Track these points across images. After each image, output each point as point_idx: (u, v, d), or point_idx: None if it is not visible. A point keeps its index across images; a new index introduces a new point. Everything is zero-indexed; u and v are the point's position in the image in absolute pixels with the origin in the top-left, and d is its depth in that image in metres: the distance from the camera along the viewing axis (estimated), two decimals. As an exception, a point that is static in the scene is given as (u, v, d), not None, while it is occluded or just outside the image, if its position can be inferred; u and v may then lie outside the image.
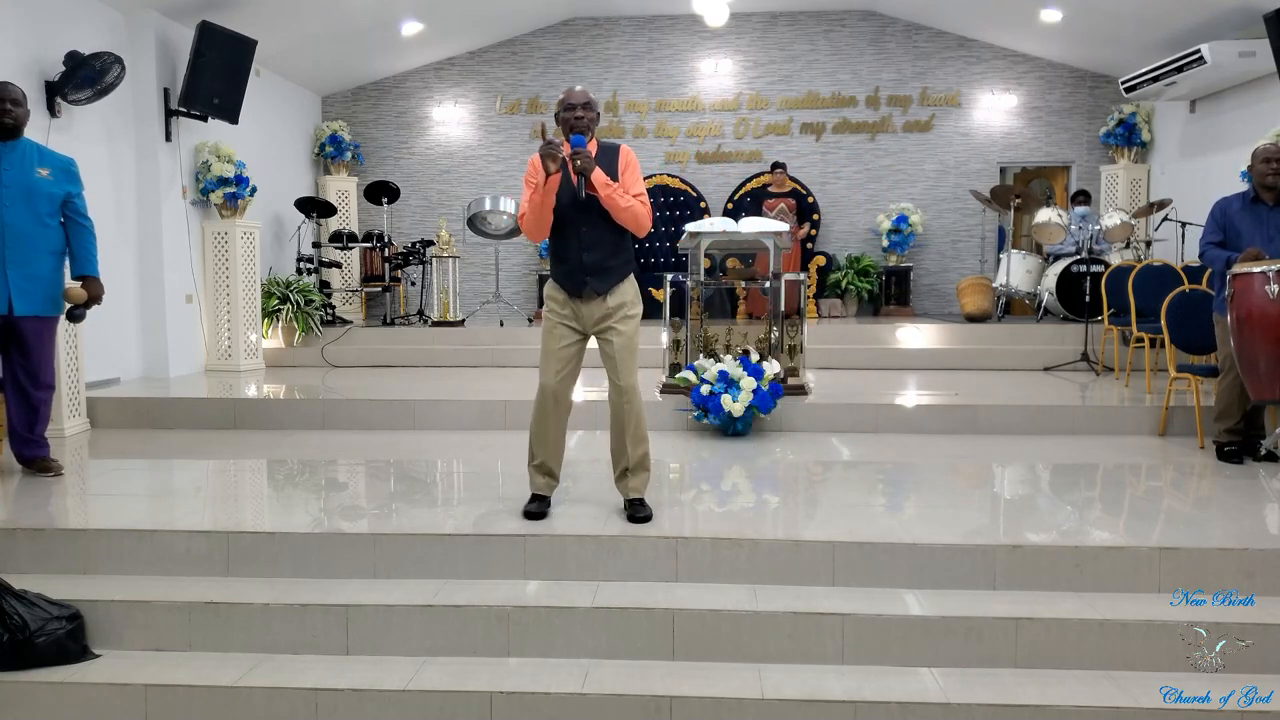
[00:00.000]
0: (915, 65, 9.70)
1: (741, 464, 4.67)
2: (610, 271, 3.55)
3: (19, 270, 4.13)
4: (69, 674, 2.97)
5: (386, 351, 7.80)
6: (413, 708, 2.85)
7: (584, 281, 3.53)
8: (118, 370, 6.53)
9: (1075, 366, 7.09)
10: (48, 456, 4.39)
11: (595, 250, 3.52)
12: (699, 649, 3.03)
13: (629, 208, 3.47)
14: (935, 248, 9.77)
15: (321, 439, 5.34)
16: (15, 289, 4.12)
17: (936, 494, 4.08)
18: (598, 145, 3.56)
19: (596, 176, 3.42)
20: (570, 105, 3.49)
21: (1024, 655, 2.97)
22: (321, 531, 3.48)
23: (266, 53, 7.57)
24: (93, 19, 6.26)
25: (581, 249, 3.52)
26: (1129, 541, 3.32)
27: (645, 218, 3.53)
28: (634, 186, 3.52)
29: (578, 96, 3.50)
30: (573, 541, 3.36)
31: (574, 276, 3.54)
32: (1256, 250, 4.35)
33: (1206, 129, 8.29)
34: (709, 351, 5.76)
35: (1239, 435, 4.64)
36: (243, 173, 7.26)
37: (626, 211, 3.47)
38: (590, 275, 3.52)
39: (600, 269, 3.53)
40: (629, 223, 3.51)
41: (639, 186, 3.54)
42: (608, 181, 3.44)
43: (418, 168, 10.02)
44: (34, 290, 4.19)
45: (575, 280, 3.55)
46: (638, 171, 3.58)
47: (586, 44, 9.87)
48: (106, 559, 3.42)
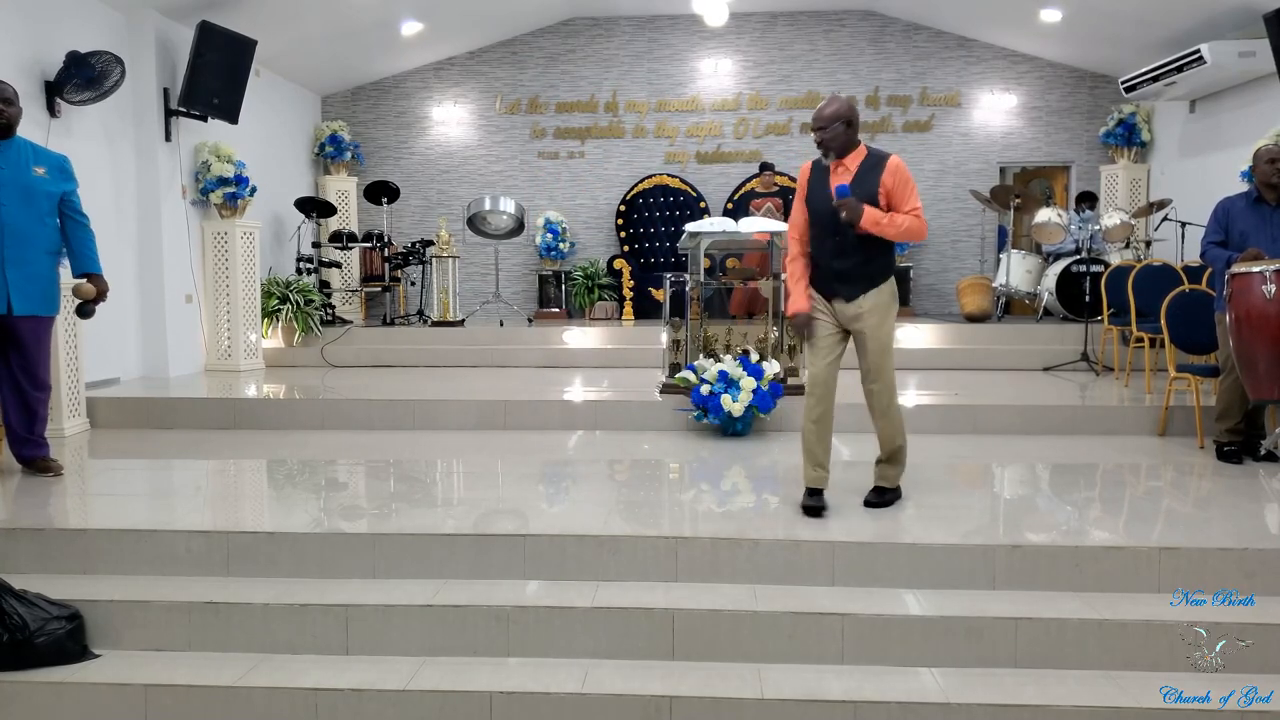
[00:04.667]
0: (915, 65, 9.70)
1: (741, 464, 4.67)
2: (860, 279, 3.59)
3: (18, 270, 4.11)
4: (69, 674, 2.97)
5: (386, 351, 7.80)
6: (413, 708, 2.85)
7: (833, 288, 3.65)
8: (118, 370, 6.53)
9: (1075, 366, 7.09)
10: (48, 456, 4.39)
11: (846, 258, 3.58)
12: (699, 649, 3.03)
13: (904, 231, 3.51)
14: (935, 248, 9.76)
15: (321, 439, 5.34)
16: (14, 289, 4.10)
17: (936, 494, 4.08)
18: (865, 153, 3.58)
19: (866, 220, 3.45)
20: (815, 128, 3.54)
21: (1024, 655, 2.97)
22: (321, 531, 3.48)
23: (266, 53, 7.57)
24: (93, 19, 6.26)
25: (832, 256, 3.61)
26: (1129, 541, 3.32)
27: (920, 230, 3.55)
28: (907, 202, 3.53)
29: (820, 119, 3.51)
30: (573, 541, 3.36)
31: (825, 283, 3.66)
32: (1256, 250, 4.35)
33: (1206, 129, 8.29)
34: (709, 351, 5.76)
35: (1239, 435, 4.64)
36: (242, 173, 7.26)
37: (901, 236, 3.54)
38: (839, 282, 3.62)
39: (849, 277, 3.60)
40: (903, 240, 3.61)
41: (912, 201, 3.53)
42: (877, 220, 3.47)
43: (418, 168, 10.02)
44: (32, 290, 4.17)
45: (826, 285, 3.66)
46: (911, 185, 3.56)
47: (586, 44, 9.87)
48: (106, 559, 3.42)
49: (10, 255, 4.09)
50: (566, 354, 7.69)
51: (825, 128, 3.50)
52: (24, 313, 4.15)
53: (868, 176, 3.52)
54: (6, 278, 4.09)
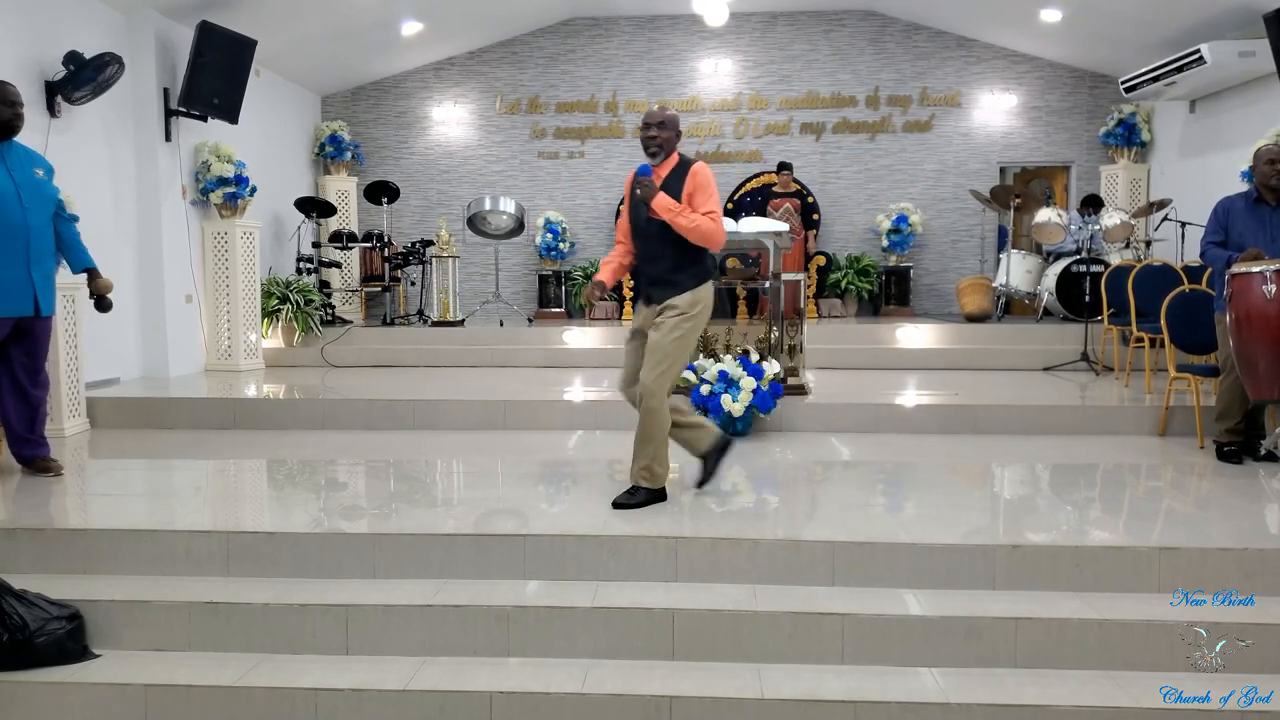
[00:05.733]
0: (915, 65, 9.70)
1: (741, 464, 4.67)
2: (669, 283, 3.69)
3: (39, 270, 4.19)
4: (69, 674, 2.97)
5: (386, 351, 7.80)
6: (413, 708, 2.85)
7: (647, 291, 3.79)
8: (118, 370, 6.53)
9: (1075, 366, 7.09)
10: (48, 456, 4.39)
11: (656, 263, 3.74)
12: (699, 649, 3.03)
13: (693, 227, 3.61)
14: (935, 248, 9.77)
15: (321, 439, 5.34)
16: (39, 290, 4.19)
17: (936, 494, 4.08)
18: (677, 160, 3.72)
19: (658, 203, 3.59)
20: (645, 124, 3.72)
21: (1024, 655, 2.97)
22: (321, 531, 3.48)
23: (266, 53, 7.57)
24: (93, 19, 6.26)
25: (645, 260, 3.79)
26: (1129, 541, 3.32)
27: (715, 234, 3.65)
28: (704, 205, 3.63)
29: (652, 115, 3.72)
30: (573, 541, 3.36)
31: (640, 286, 3.86)
32: (1256, 250, 4.35)
33: (1206, 129, 8.29)
34: (709, 351, 5.75)
35: (1239, 435, 4.64)
36: (242, 173, 7.26)
37: (691, 231, 3.61)
38: (651, 285, 3.76)
39: (659, 280, 3.73)
40: (698, 240, 3.65)
41: (710, 204, 3.65)
42: (670, 206, 3.60)
43: (418, 168, 10.02)
44: (50, 290, 4.29)
45: (641, 289, 3.86)
46: (709, 190, 3.67)
47: (586, 44, 9.87)
48: (106, 559, 3.42)
49: (34, 257, 4.16)
50: (566, 354, 7.69)
51: (663, 123, 3.64)
52: (48, 313, 4.27)
53: (675, 180, 3.66)
54: (33, 279, 4.15)
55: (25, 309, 4.13)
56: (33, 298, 4.15)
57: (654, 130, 3.64)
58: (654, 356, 3.63)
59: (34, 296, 4.15)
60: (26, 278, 4.12)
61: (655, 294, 3.71)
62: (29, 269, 4.12)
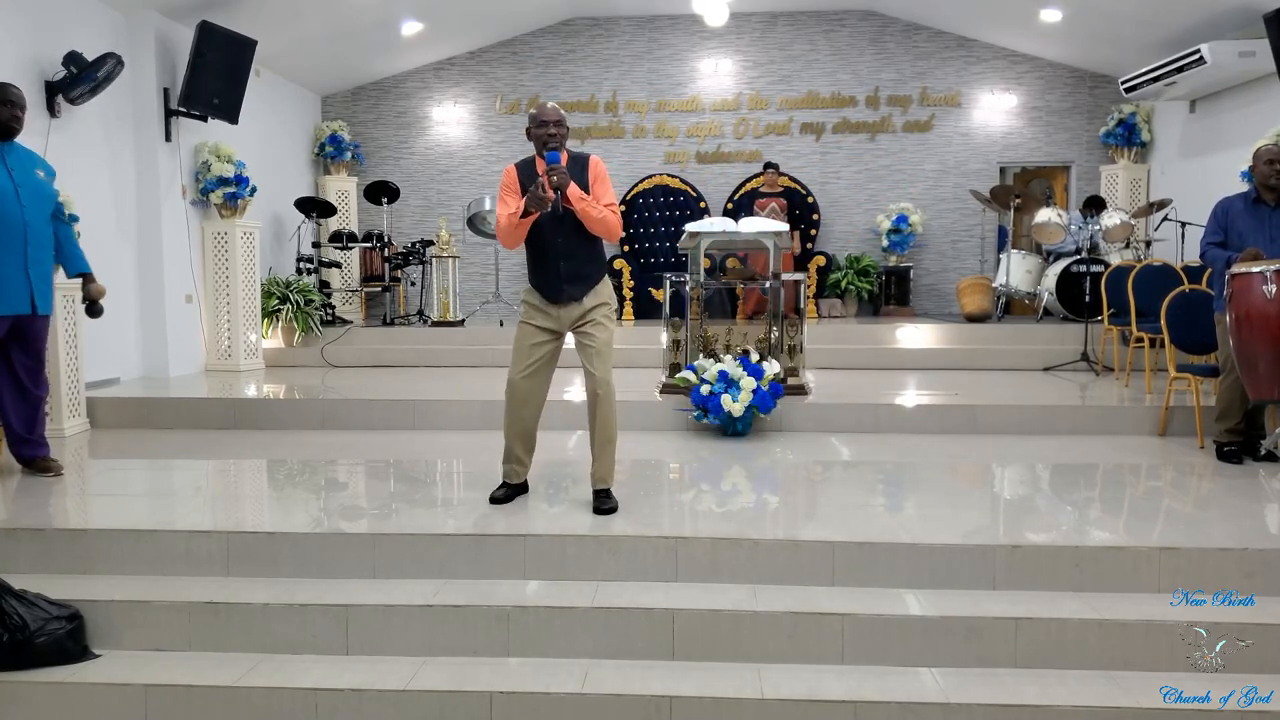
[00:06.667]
0: (915, 65, 9.69)
1: (741, 464, 4.67)
2: (586, 278, 3.70)
3: (37, 270, 4.20)
4: (69, 674, 2.97)
5: (386, 351, 7.80)
6: (413, 708, 2.86)
7: (561, 289, 3.68)
8: (118, 370, 6.53)
9: (1075, 366, 7.09)
10: (48, 456, 4.40)
11: (571, 258, 3.67)
12: (699, 649, 3.03)
13: (601, 218, 3.63)
14: (935, 248, 9.77)
15: (321, 439, 5.34)
16: (36, 289, 4.19)
17: (936, 494, 4.08)
18: (568, 156, 3.70)
19: (571, 191, 3.56)
20: (543, 122, 3.63)
21: (1024, 655, 2.97)
22: (321, 531, 3.48)
23: (266, 53, 7.57)
24: (93, 19, 6.26)
25: (559, 258, 3.67)
26: (1129, 541, 3.32)
27: (617, 227, 3.71)
28: (604, 197, 3.67)
29: (550, 113, 3.64)
30: (573, 541, 3.36)
31: (553, 284, 3.69)
32: (1256, 250, 4.36)
33: (1206, 129, 8.29)
34: (709, 351, 5.76)
35: (1240, 435, 4.64)
36: (242, 173, 7.26)
37: (599, 223, 3.63)
38: (566, 282, 3.68)
39: (576, 276, 3.68)
40: (601, 232, 3.68)
41: (609, 196, 3.69)
42: (582, 195, 3.60)
43: (418, 168, 10.02)
44: (47, 290, 4.29)
45: (554, 287, 3.69)
46: (608, 182, 3.72)
47: (586, 44, 9.87)
48: (106, 559, 3.43)
49: (32, 256, 4.17)
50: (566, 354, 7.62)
51: (560, 121, 3.63)
52: (45, 312, 4.27)
53: (574, 170, 3.65)
54: (30, 279, 4.16)
55: (22, 308, 4.14)
56: (29, 297, 4.16)
57: (552, 128, 3.60)
58: (603, 357, 3.69)
59: (30, 295, 4.16)
60: (24, 277, 4.13)
61: (574, 291, 3.68)
62: (26, 268, 4.13)
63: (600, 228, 3.65)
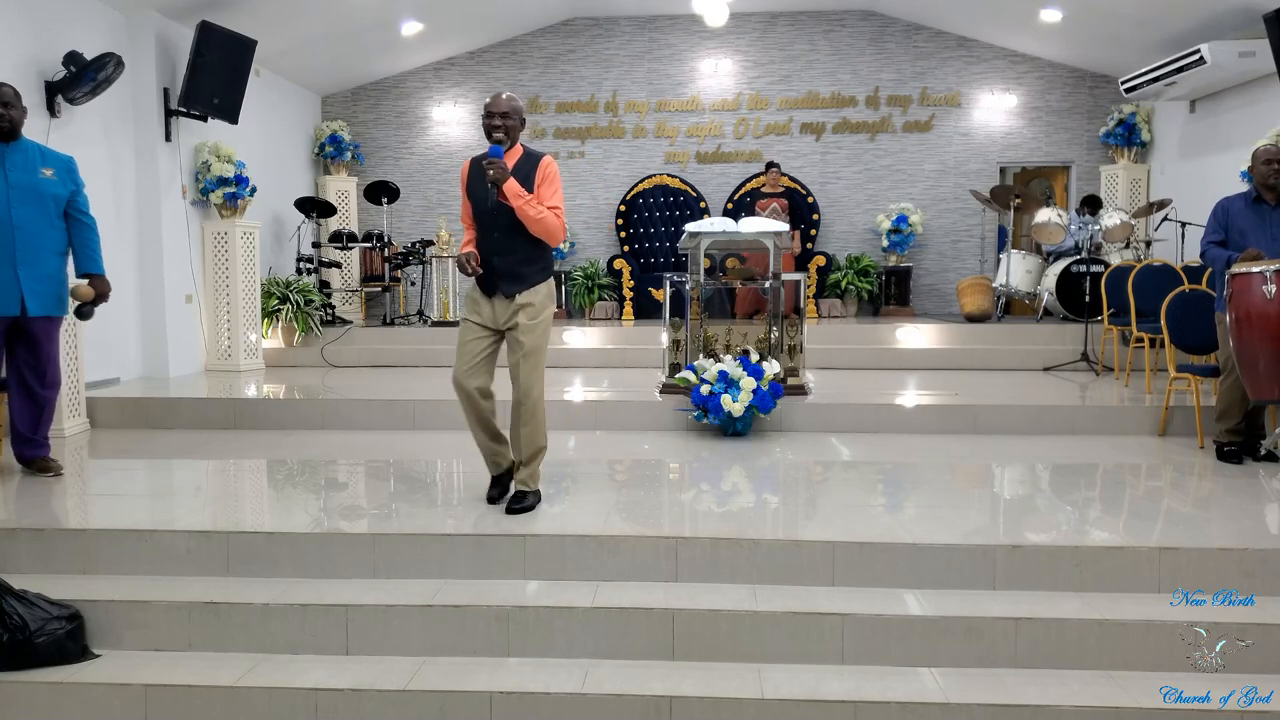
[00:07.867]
0: (915, 65, 9.70)
1: (741, 464, 4.67)
2: (522, 277, 3.65)
3: (29, 271, 4.16)
4: (69, 674, 2.97)
5: (386, 351, 7.80)
6: (413, 708, 2.85)
7: (496, 284, 3.66)
8: (118, 370, 6.53)
9: (1075, 366, 7.09)
10: (48, 456, 4.40)
11: (507, 255, 3.64)
12: (699, 649, 3.03)
13: (539, 218, 3.58)
14: (935, 248, 9.77)
15: (321, 439, 5.34)
16: (27, 290, 4.15)
17: (936, 494, 4.08)
18: (522, 151, 3.67)
19: (509, 188, 3.52)
20: (490, 113, 3.61)
21: (1024, 655, 2.97)
22: (321, 531, 3.48)
23: (266, 53, 7.57)
24: (93, 19, 6.26)
25: (493, 253, 3.65)
26: (1129, 541, 3.32)
27: (557, 229, 3.64)
28: (550, 199, 3.61)
29: (498, 104, 3.61)
30: (572, 541, 3.36)
31: (488, 277, 3.67)
32: (1256, 250, 4.36)
33: (1206, 129, 8.29)
34: (709, 351, 5.76)
35: (1239, 435, 4.64)
36: (242, 173, 7.26)
37: (537, 222, 3.58)
38: (501, 279, 3.65)
39: (511, 274, 3.65)
40: (540, 233, 3.62)
41: (555, 199, 3.64)
42: (520, 193, 3.54)
43: (418, 168, 10.03)
44: (44, 291, 4.23)
45: (488, 281, 3.68)
46: (555, 184, 3.67)
47: (586, 44, 9.87)
48: (106, 559, 3.42)
49: (22, 257, 4.13)
50: (566, 354, 7.68)
51: (507, 113, 3.58)
52: (38, 313, 4.21)
53: (523, 170, 3.62)
54: (19, 279, 4.13)
55: (11, 309, 4.12)
56: (19, 298, 4.12)
57: (498, 119, 3.56)
58: (531, 359, 3.66)
59: (21, 296, 4.12)
60: (13, 277, 4.10)
61: (507, 288, 3.64)
62: (15, 269, 4.10)
63: (538, 228, 3.59)
